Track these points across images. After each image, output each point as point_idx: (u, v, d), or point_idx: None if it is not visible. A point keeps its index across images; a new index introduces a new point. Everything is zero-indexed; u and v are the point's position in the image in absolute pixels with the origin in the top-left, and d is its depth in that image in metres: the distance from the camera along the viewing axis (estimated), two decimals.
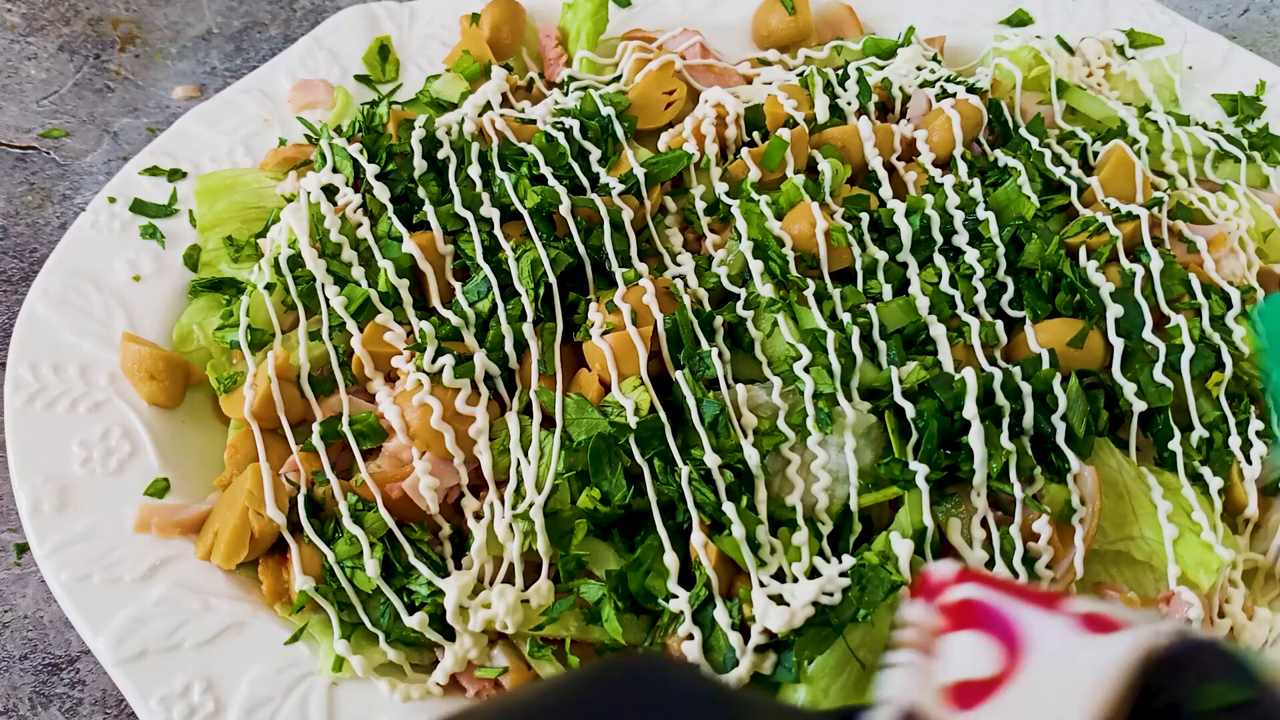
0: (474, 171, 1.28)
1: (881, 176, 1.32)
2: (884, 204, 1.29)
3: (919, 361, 1.15)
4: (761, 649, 1.03)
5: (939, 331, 1.18)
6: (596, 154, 1.32)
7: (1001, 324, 1.21)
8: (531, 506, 1.10)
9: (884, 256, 1.24)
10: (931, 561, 1.09)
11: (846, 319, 1.17)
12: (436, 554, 1.12)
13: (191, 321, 1.30)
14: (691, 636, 1.04)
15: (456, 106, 1.44)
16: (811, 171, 1.32)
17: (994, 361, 1.18)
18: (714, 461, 1.08)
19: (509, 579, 1.09)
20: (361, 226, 1.26)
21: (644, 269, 1.22)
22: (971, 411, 1.10)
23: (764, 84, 1.47)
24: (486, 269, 1.20)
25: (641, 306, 1.16)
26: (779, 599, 1.04)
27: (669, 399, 1.13)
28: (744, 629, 1.04)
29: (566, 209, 1.22)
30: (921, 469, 1.09)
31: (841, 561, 1.07)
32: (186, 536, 1.15)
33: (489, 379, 1.17)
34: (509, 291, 1.20)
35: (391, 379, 1.20)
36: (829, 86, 1.41)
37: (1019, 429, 1.13)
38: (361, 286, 1.21)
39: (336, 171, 1.30)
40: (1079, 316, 1.21)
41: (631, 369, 1.14)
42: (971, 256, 1.24)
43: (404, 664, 1.10)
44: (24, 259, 1.54)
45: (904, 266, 1.25)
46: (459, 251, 1.24)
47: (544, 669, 1.08)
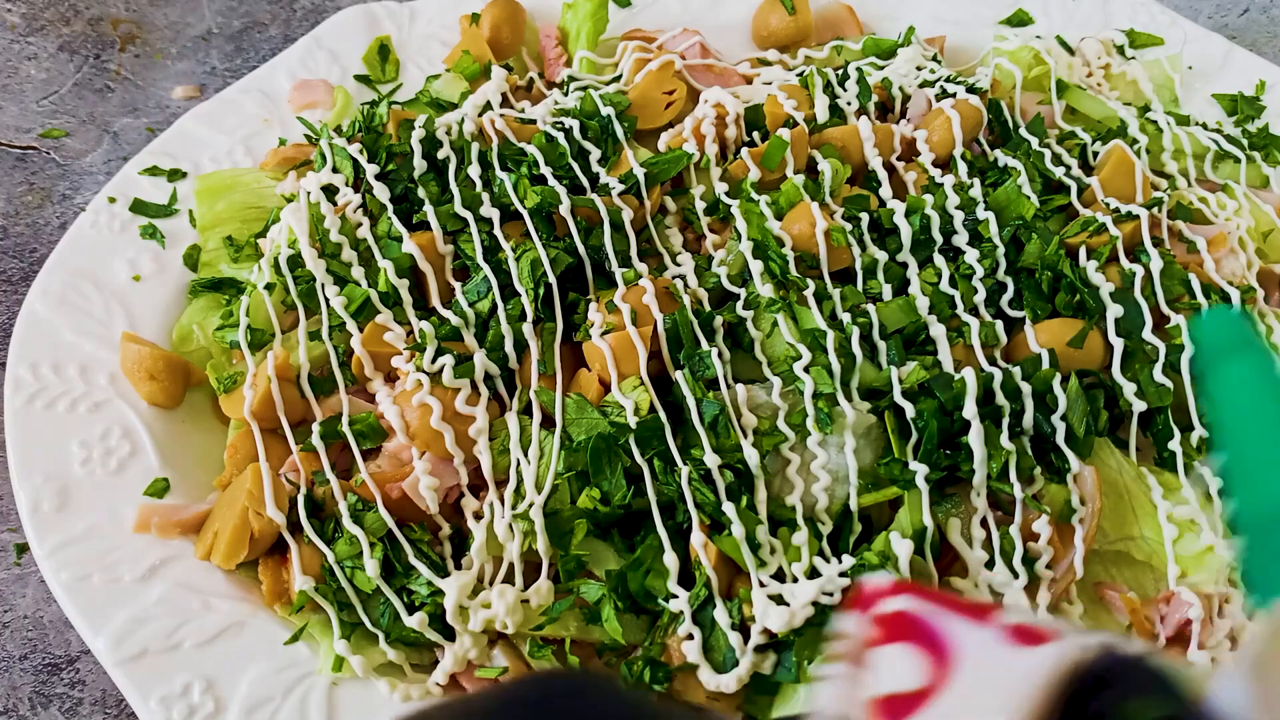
0: (474, 171, 1.28)
1: (881, 176, 1.32)
2: (884, 204, 1.29)
3: (919, 361, 1.15)
4: (761, 649, 1.03)
5: (939, 331, 1.18)
6: (596, 154, 1.32)
7: (1001, 324, 1.21)
8: (531, 506, 1.10)
9: (884, 256, 1.24)
10: (931, 562, 1.09)
11: (846, 319, 1.17)
12: (436, 554, 1.12)
13: (191, 321, 1.30)
14: (691, 636, 1.04)
15: (456, 106, 1.44)
16: (811, 171, 1.31)
17: (994, 361, 1.17)
18: (714, 461, 1.08)
19: (509, 579, 1.09)
20: (361, 226, 1.26)
21: (644, 269, 1.22)
22: (971, 411, 1.10)
23: (764, 84, 1.47)
24: (486, 269, 1.20)
25: (641, 306, 1.16)
26: (779, 599, 1.04)
27: (669, 399, 1.13)
28: (744, 629, 1.04)
29: (566, 209, 1.22)
30: (921, 469, 1.09)
31: (841, 561, 1.07)
32: (186, 536, 1.15)
33: (489, 379, 1.17)
34: (509, 291, 1.20)
35: (391, 379, 1.20)
36: (829, 86, 1.41)
37: (1019, 429, 1.13)
38: (361, 286, 1.21)
39: (336, 171, 1.30)
40: (1079, 316, 1.21)
41: (631, 369, 1.14)
42: (971, 256, 1.24)
43: (404, 664, 1.10)
44: (24, 259, 1.54)
45: (904, 266, 1.24)
46: (459, 251, 1.24)
47: (544, 669, 1.08)
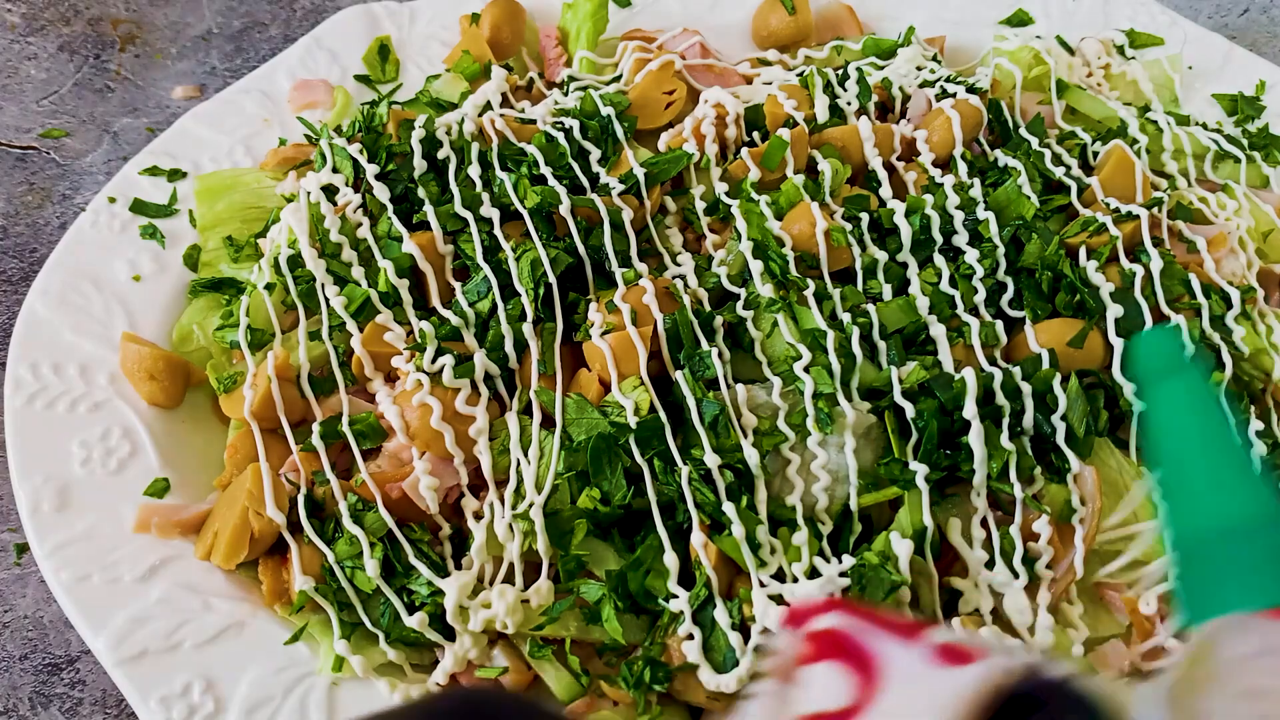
0: (474, 171, 1.28)
1: (881, 176, 1.32)
2: (884, 204, 1.29)
3: (919, 361, 1.15)
4: (762, 649, 1.03)
5: (939, 331, 1.18)
6: (596, 154, 1.32)
7: (1001, 324, 1.21)
8: (531, 506, 1.10)
9: (884, 256, 1.24)
10: (931, 562, 1.09)
11: (846, 319, 1.17)
12: (436, 554, 1.12)
13: (191, 321, 1.30)
14: (691, 636, 1.04)
15: (456, 106, 1.44)
16: (811, 171, 1.31)
17: (994, 361, 1.17)
18: (714, 461, 1.08)
19: (509, 579, 1.09)
20: (361, 226, 1.26)
21: (644, 269, 1.22)
22: (971, 411, 1.10)
23: (764, 84, 1.47)
24: (486, 269, 1.20)
25: (641, 306, 1.16)
26: (779, 599, 1.04)
27: (669, 399, 1.13)
28: (744, 629, 1.04)
29: (566, 209, 1.22)
30: (921, 469, 1.09)
31: (841, 561, 1.07)
32: (186, 536, 1.15)
33: (489, 379, 1.17)
34: (509, 291, 1.20)
35: (391, 379, 1.20)
36: (829, 86, 1.41)
37: (1019, 429, 1.13)
38: (361, 286, 1.21)
39: (336, 171, 1.30)
40: (1079, 316, 1.21)
41: (631, 369, 1.14)
42: (971, 256, 1.24)
43: (404, 664, 1.10)
44: (24, 259, 1.54)
45: (904, 266, 1.24)
46: (459, 251, 1.24)
47: (544, 669, 1.08)
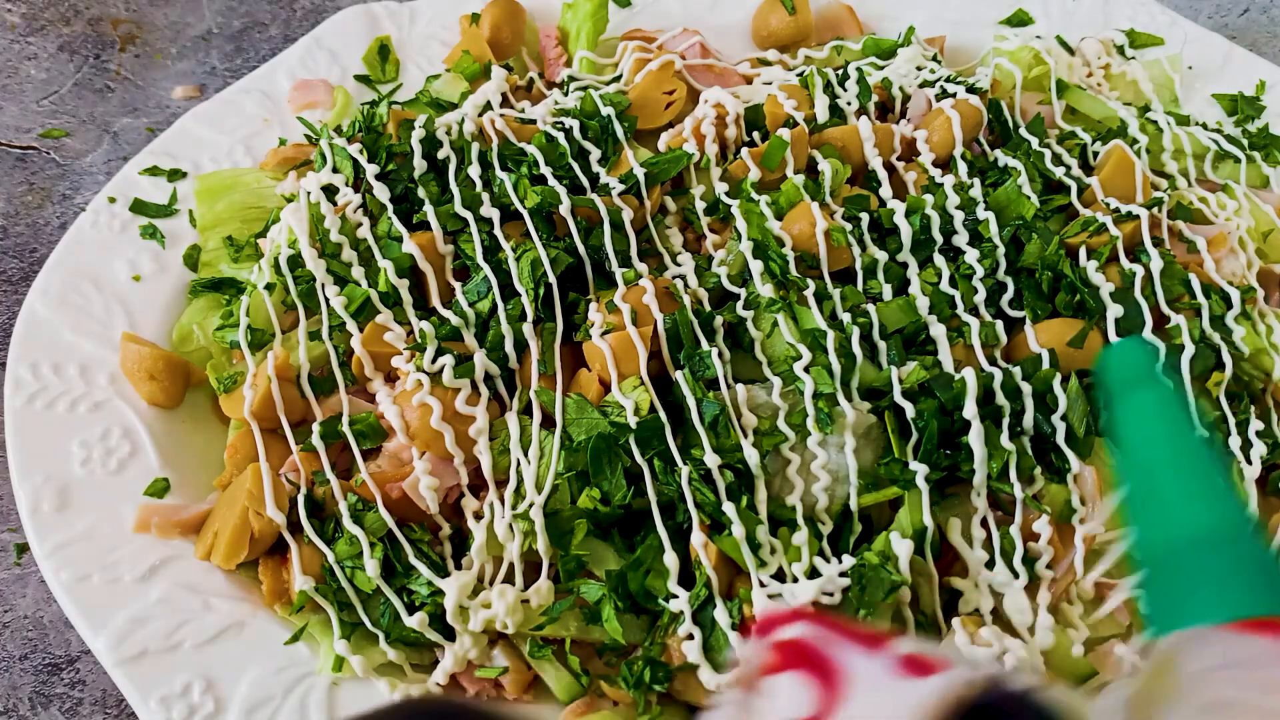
0: (474, 171, 1.28)
1: (881, 176, 1.32)
2: (884, 204, 1.29)
3: (919, 361, 1.15)
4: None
5: (939, 331, 1.18)
6: (596, 154, 1.32)
7: (1001, 324, 1.21)
8: (531, 506, 1.10)
9: (884, 256, 1.24)
10: (931, 562, 1.09)
11: (846, 319, 1.17)
12: (436, 554, 1.12)
13: (191, 321, 1.30)
14: (691, 636, 1.04)
15: (456, 106, 1.44)
16: (811, 171, 1.31)
17: (994, 361, 1.17)
18: (714, 461, 1.08)
19: (509, 579, 1.09)
20: (361, 226, 1.26)
21: (644, 269, 1.22)
22: (971, 411, 1.10)
23: (764, 84, 1.47)
24: (486, 269, 1.20)
25: (641, 306, 1.16)
26: (779, 599, 1.04)
27: (669, 399, 1.13)
28: (744, 629, 1.04)
29: (566, 209, 1.22)
30: (921, 469, 1.09)
31: (841, 561, 1.07)
32: (186, 536, 1.15)
33: (489, 379, 1.17)
34: (509, 291, 1.20)
35: (391, 379, 1.20)
36: (829, 86, 1.41)
37: (1019, 429, 1.13)
38: (361, 286, 1.21)
39: (336, 171, 1.30)
40: (1079, 316, 1.21)
41: (631, 369, 1.14)
42: (971, 256, 1.24)
43: (404, 664, 1.10)
44: (24, 259, 1.54)
45: (904, 266, 1.24)
46: (459, 251, 1.24)
47: (544, 669, 1.08)
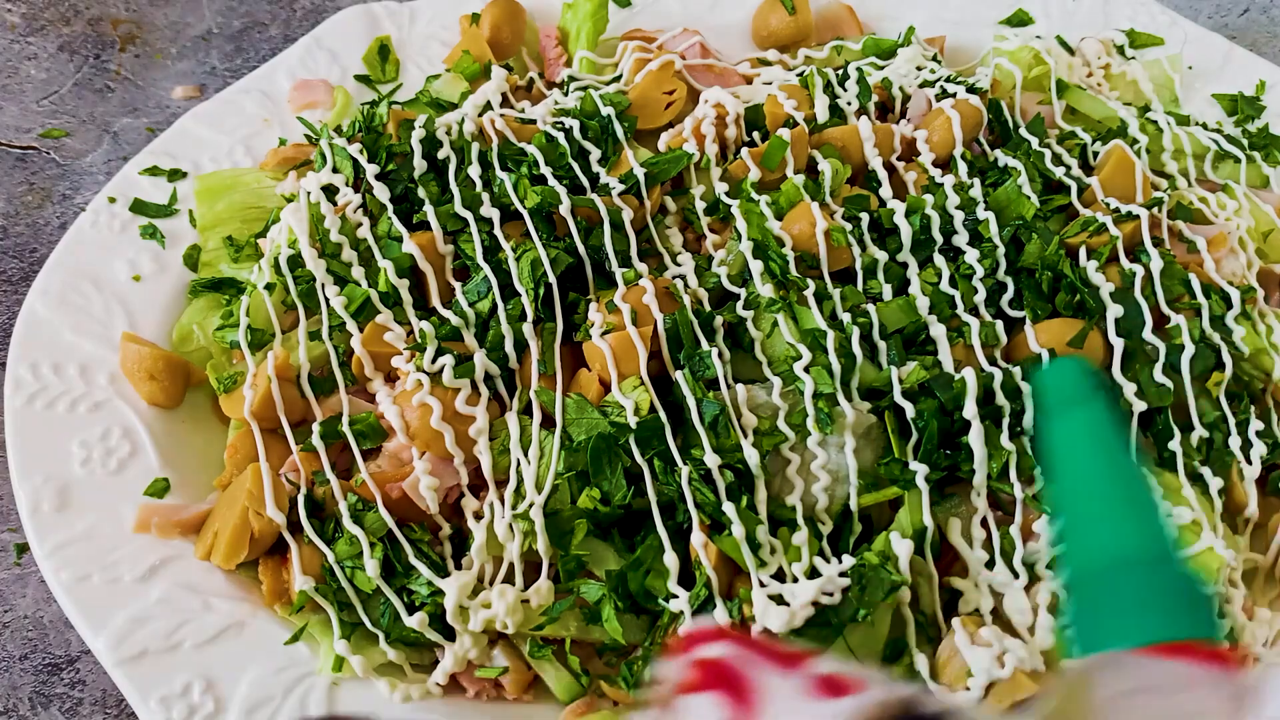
0: (474, 171, 1.28)
1: (881, 176, 1.32)
2: (884, 204, 1.29)
3: (919, 361, 1.15)
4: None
5: (939, 331, 1.18)
6: (596, 154, 1.32)
7: (1001, 324, 1.20)
8: (531, 506, 1.10)
9: (884, 256, 1.24)
10: (931, 562, 1.09)
11: (846, 319, 1.17)
12: (436, 554, 1.12)
13: (191, 321, 1.30)
14: None
15: (456, 106, 1.44)
16: (811, 171, 1.31)
17: (994, 361, 1.17)
18: (714, 461, 1.08)
19: (509, 579, 1.09)
20: (361, 226, 1.26)
21: (644, 269, 1.22)
22: (971, 411, 1.10)
23: (764, 84, 1.47)
24: (486, 269, 1.20)
25: (641, 306, 1.16)
26: (779, 599, 1.04)
27: (669, 399, 1.13)
28: (744, 629, 1.04)
29: (566, 209, 1.22)
30: (921, 469, 1.09)
31: (841, 561, 1.07)
32: (186, 536, 1.15)
33: (489, 379, 1.17)
34: (509, 291, 1.20)
35: (391, 379, 1.20)
36: (829, 86, 1.41)
37: (1019, 429, 1.13)
38: (361, 286, 1.21)
39: (336, 171, 1.30)
40: (1079, 316, 1.21)
41: (631, 369, 1.14)
42: (971, 256, 1.24)
43: (404, 664, 1.10)
44: (24, 259, 1.54)
45: (904, 266, 1.24)
46: (459, 251, 1.24)
47: (544, 669, 1.08)
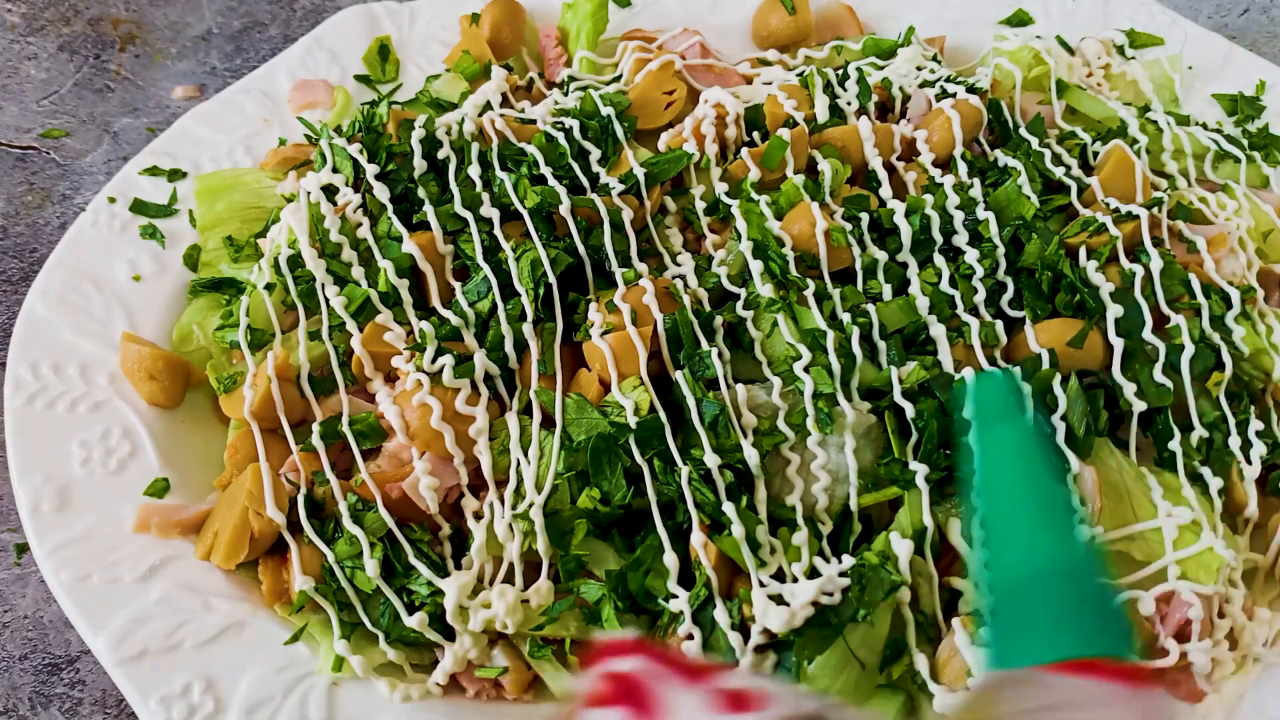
0: (474, 171, 1.28)
1: (881, 176, 1.32)
2: (884, 204, 1.29)
3: (919, 361, 1.15)
4: (761, 649, 1.03)
5: (939, 331, 1.18)
6: (596, 154, 1.32)
7: (1001, 324, 1.21)
8: (531, 506, 1.10)
9: (884, 256, 1.24)
10: (931, 562, 1.09)
11: (846, 319, 1.17)
12: (436, 554, 1.12)
13: (191, 321, 1.30)
14: (691, 636, 1.04)
15: (456, 106, 1.44)
16: (811, 171, 1.31)
17: (994, 361, 1.17)
18: (714, 461, 1.08)
19: (509, 579, 1.09)
20: (361, 226, 1.26)
21: (644, 269, 1.22)
22: None
23: (764, 84, 1.47)
24: (486, 269, 1.20)
25: (641, 306, 1.16)
26: (779, 599, 1.04)
27: (669, 399, 1.13)
28: (744, 629, 1.04)
29: (566, 209, 1.22)
30: (921, 469, 1.09)
31: (841, 561, 1.07)
32: (186, 536, 1.15)
33: (489, 379, 1.17)
34: (509, 291, 1.20)
35: (391, 379, 1.20)
36: (829, 86, 1.41)
37: None
38: (361, 286, 1.21)
39: (336, 171, 1.30)
40: (1079, 316, 1.21)
41: (631, 369, 1.14)
42: (971, 256, 1.24)
43: (404, 664, 1.10)
44: (24, 259, 1.54)
45: (904, 266, 1.24)
46: (459, 251, 1.24)
47: (544, 669, 1.08)
